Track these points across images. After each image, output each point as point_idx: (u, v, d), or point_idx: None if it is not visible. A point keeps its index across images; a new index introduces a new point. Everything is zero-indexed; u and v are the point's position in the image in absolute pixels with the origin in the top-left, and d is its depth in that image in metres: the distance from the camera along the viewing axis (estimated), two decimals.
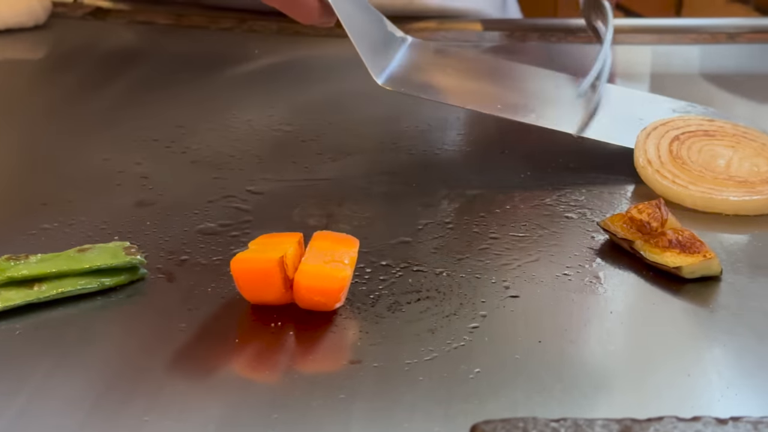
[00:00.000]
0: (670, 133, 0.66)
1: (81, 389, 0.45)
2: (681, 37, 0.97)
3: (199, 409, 0.44)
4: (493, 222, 0.60)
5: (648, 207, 0.57)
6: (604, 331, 0.51)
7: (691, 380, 0.46)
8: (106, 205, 0.62)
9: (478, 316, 0.51)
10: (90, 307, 0.51)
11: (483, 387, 0.46)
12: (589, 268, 0.55)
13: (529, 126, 0.73)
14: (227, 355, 0.48)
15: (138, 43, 0.92)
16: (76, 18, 0.97)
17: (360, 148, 0.70)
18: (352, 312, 0.51)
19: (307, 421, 0.44)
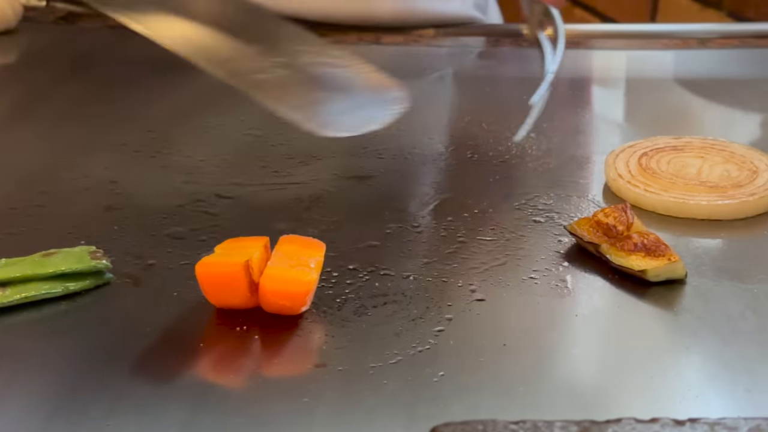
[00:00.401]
0: (638, 152, 0.66)
1: (43, 394, 0.45)
2: (652, 42, 0.98)
3: (162, 414, 0.44)
4: (461, 226, 0.60)
5: (614, 211, 0.57)
6: (568, 334, 0.51)
7: (654, 382, 0.47)
8: (74, 210, 0.61)
9: (444, 320, 0.51)
10: (54, 312, 0.51)
11: (446, 390, 0.46)
12: (556, 272, 0.55)
13: (499, 131, 0.74)
14: (192, 359, 0.48)
15: (109, 48, 0.92)
16: (48, 22, 0.97)
17: (330, 152, 0.70)
18: (318, 316, 0.51)
19: (270, 424, 0.44)
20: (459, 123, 0.76)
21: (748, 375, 0.47)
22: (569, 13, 1.81)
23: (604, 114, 0.83)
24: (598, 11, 1.72)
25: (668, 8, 1.55)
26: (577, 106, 0.83)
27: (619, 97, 0.88)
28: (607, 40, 0.99)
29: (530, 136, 0.73)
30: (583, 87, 0.92)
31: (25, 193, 0.63)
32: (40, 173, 0.66)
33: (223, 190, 0.64)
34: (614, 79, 0.93)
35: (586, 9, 1.75)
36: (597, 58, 0.96)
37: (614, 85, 0.92)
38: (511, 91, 0.84)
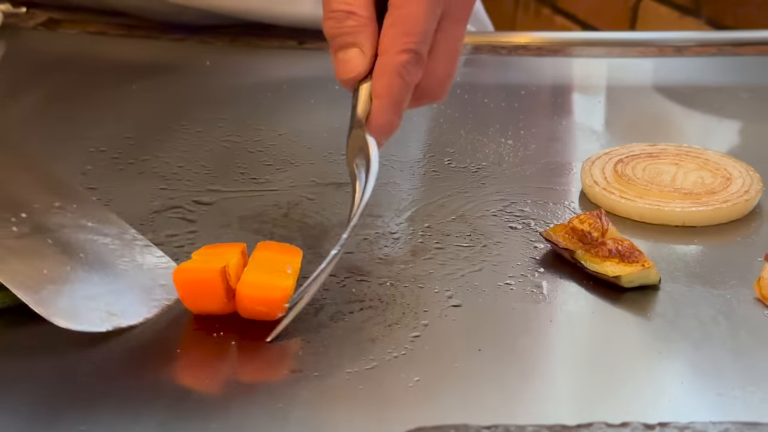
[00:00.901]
0: (614, 159, 0.67)
1: (18, 399, 0.45)
2: (629, 50, 0.98)
3: (137, 419, 0.44)
4: (438, 232, 0.61)
5: (589, 217, 0.58)
6: (543, 340, 0.51)
7: (627, 387, 0.47)
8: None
9: (419, 325, 0.51)
10: (25, 319, 0.51)
11: (421, 395, 0.46)
12: (531, 278, 0.56)
13: (477, 138, 0.74)
14: (168, 365, 0.48)
15: (88, 54, 0.92)
16: (28, 28, 0.97)
17: (308, 158, 0.71)
18: (294, 321, 0.51)
19: (245, 430, 0.44)
20: (437, 130, 0.76)
21: (719, 379, 0.48)
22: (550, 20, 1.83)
23: (582, 121, 0.83)
24: (579, 19, 1.73)
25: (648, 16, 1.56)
26: (556, 114, 0.83)
27: (599, 104, 0.89)
28: (586, 47, 0.99)
29: (507, 143, 0.74)
30: (564, 94, 0.93)
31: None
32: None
33: (201, 196, 0.64)
34: (594, 86, 0.94)
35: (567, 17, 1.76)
36: (577, 65, 0.97)
37: (594, 92, 0.93)
38: (490, 98, 0.84)
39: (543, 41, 0.99)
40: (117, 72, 0.87)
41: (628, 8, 1.60)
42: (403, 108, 0.55)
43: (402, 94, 0.54)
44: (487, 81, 0.91)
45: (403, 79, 0.53)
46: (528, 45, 0.97)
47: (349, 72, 0.55)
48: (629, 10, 1.60)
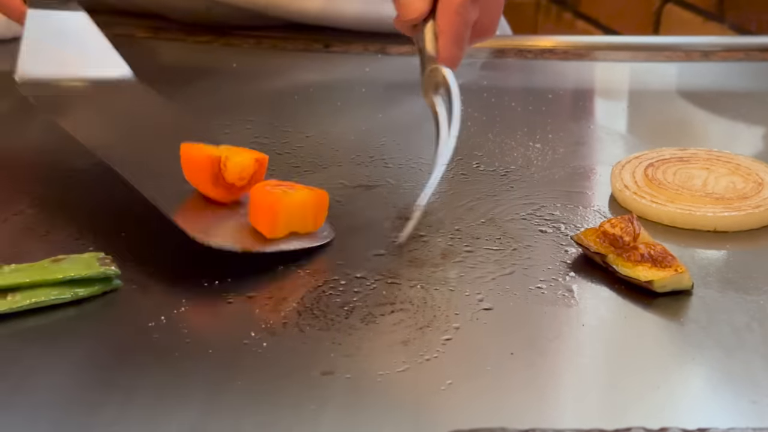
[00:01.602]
0: (644, 163, 0.67)
1: (51, 398, 0.45)
2: (656, 54, 0.98)
3: (170, 418, 0.44)
4: (468, 235, 0.60)
5: (621, 221, 0.57)
6: (575, 344, 0.51)
7: (660, 392, 0.47)
8: (80, 215, 0.62)
9: (451, 329, 0.51)
10: (63, 317, 0.51)
11: (454, 398, 0.46)
12: (563, 282, 0.56)
13: (504, 142, 0.74)
14: (199, 366, 0.48)
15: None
16: None
17: (336, 161, 0.71)
18: (325, 323, 0.51)
19: (276, 431, 0.44)
20: (464, 133, 0.76)
21: (753, 386, 0.47)
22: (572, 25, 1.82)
23: (609, 125, 0.83)
24: (601, 23, 1.72)
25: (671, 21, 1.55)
26: (583, 118, 0.83)
27: (623, 108, 0.89)
28: (610, 52, 0.99)
29: (535, 146, 0.73)
30: (590, 98, 0.92)
31: (29, 199, 0.63)
32: (45, 178, 0.67)
33: None
34: (619, 90, 0.94)
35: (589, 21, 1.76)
36: (602, 69, 0.96)
37: (617, 96, 0.92)
38: (517, 101, 0.84)
39: (569, 45, 0.98)
40: (144, 74, 0.87)
41: (651, 13, 1.59)
42: (465, 44, 0.63)
43: (463, 31, 0.62)
44: (513, 84, 0.91)
45: (463, 17, 0.61)
46: (554, 49, 0.97)
47: (413, 13, 0.62)
48: (652, 14, 1.59)
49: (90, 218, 0.61)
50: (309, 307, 0.52)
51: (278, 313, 0.52)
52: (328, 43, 0.94)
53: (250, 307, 0.52)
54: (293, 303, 0.53)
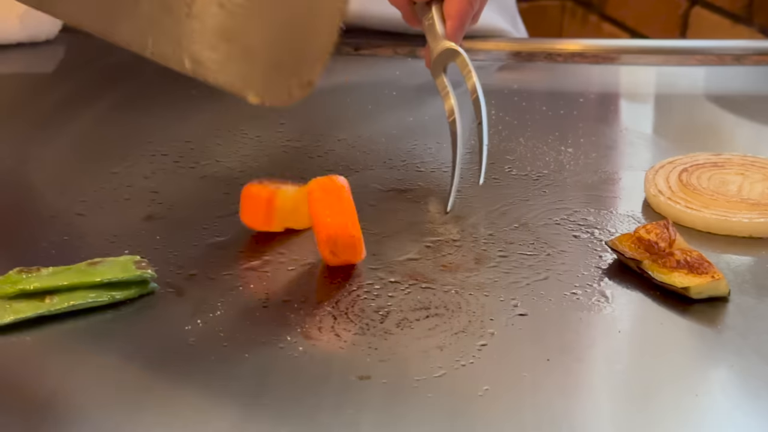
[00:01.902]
0: (678, 168, 0.66)
1: (88, 402, 0.45)
2: (687, 58, 0.98)
3: (207, 423, 0.44)
4: (502, 240, 0.60)
5: (656, 227, 0.57)
6: (611, 350, 0.51)
7: (698, 400, 0.47)
8: (115, 219, 0.62)
9: (486, 334, 0.51)
10: (100, 320, 0.51)
11: (492, 404, 0.46)
12: (597, 288, 0.55)
13: (536, 146, 0.74)
14: (236, 371, 0.48)
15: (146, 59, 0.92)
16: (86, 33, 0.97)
17: (368, 165, 0.71)
18: (360, 328, 0.51)
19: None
20: (496, 137, 0.76)
21: None
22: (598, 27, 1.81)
23: (638, 129, 0.83)
24: (628, 26, 1.72)
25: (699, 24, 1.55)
26: (615, 122, 0.83)
27: (652, 112, 0.88)
28: (641, 56, 0.99)
29: (567, 151, 0.73)
30: (617, 102, 0.92)
31: (65, 202, 0.64)
32: (79, 182, 0.67)
33: None
34: (646, 94, 0.93)
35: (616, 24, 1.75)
36: (632, 73, 0.96)
37: (646, 100, 0.92)
38: (548, 105, 0.84)
39: (599, 48, 0.98)
40: (176, 77, 0.87)
41: (678, 16, 1.58)
42: (467, 27, 0.68)
43: (469, 16, 0.67)
44: (544, 88, 0.91)
45: (471, 3, 0.67)
46: (583, 52, 0.97)
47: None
48: (680, 17, 1.58)
49: (126, 221, 0.62)
50: (344, 312, 0.53)
51: (314, 317, 0.52)
52: (358, 46, 0.95)
53: (286, 312, 0.52)
54: (328, 307, 0.53)
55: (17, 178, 0.68)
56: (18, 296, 0.51)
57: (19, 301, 0.51)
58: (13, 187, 0.66)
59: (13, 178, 0.68)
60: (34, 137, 0.76)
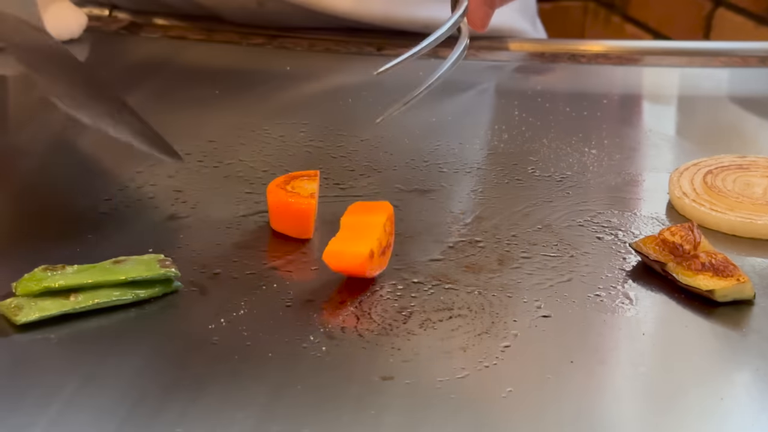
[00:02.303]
0: (703, 170, 0.66)
1: (114, 400, 0.45)
2: (711, 59, 0.97)
3: (231, 420, 0.44)
4: (524, 241, 0.60)
5: (681, 229, 0.57)
6: (635, 353, 0.51)
7: (724, 404, 0.46)
8: (139, 218, 0.62)
9: (509, 335, 0.51)
10: (124, 319, 0.51)
11: (516, 406, 0.46)
12: (621, 290, 0.55)
13: (560, 147, 0.74)
14: (259, 370, 0.48)
15: (170, 58, 0.93)
16: (110, 32, 0.98)
17: (390, 164, 0.71)
18: (383, 328, 0.51)
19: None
20: (519, 138, 0.76)
21: None
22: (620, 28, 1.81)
23: (661, 131, 0.82)
24: (651, 27, 1.71)
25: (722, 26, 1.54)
26: (639, 123, 0.83)
27: (675, 114, 0.88)
28: (665, 57, 0.98)
29: (591, 152, 0.73)
30: (640, 104, 0.92)
31: (89, 201, 0.64)
32: (104, 181, 0.67)
33: None
34: (669, 96, 0.93)
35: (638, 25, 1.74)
36: (656, 75, 0.96)
37: (669, 102, 0.92)
38: (571, 106, 0.84)
39: (622, 50, 0.98)
40: (199, 77, 0.88)
41: (702, 17, 1.58)
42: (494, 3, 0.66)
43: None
44: (567, 89, 0.90)
45: None
46: (607, 53, 0.97)
47: None
48: (703, 19, 1.58)
49: (149, 220, 0.62)
50: (367, 312, 0.52)
51: (337, 317, 0.52)
52: (381, 46, 0.95)
53: (309, 311, 0.52)
54: (351, 307, 0.53)
55: (42, 177, 0.69)
56: (43, 294, 0.51)
57: (44, 299, 0.51)
58: (38, 186, 0.67)
59: (38, 177, 0.69)
60: (58, 136, 0.76)
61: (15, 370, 0.47)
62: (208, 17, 0.98)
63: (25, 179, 0.68)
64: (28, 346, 0.49)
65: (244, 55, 0.94)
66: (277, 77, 0.88)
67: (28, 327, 0.50)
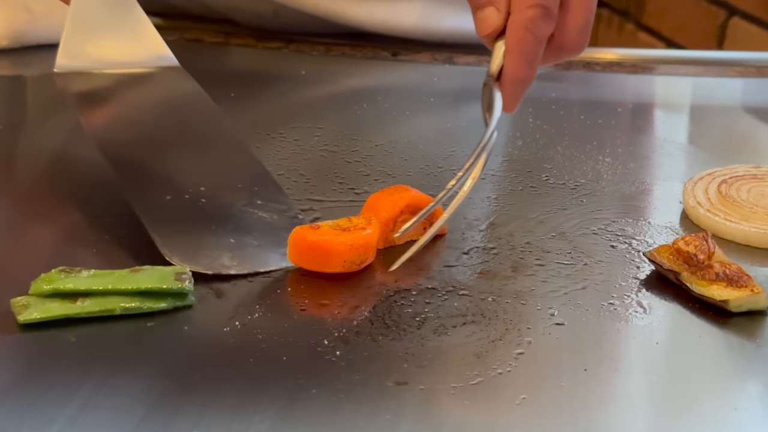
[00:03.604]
0: (717, 179, 0.66)
1: (131, 401, 0.46)
2: (725, 69, 0.97)
3: (247, 424, 0.45)
4: (539, 249, 0.60)
5: (695, 239, 0.57)
6: (649, 361, 0.51)
7: (738, 414, 0.46)
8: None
9: (523, 342, 0.51)
10: (141, 320, 0.52)
11: (529, 414, 0.46)
12: (635, 298, 0.55)
13: (574, 155, 0.74)
14: (275, 373, 0.48)
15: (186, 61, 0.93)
16: None
17: (405, 170, 0.71)
18: (398, 333, 0.51)
19: None
20: (534, 145, 0.76)
21: None
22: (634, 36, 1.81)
23: (675, 140, 0.82)
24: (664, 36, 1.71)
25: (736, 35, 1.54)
26: (650, 132, 0.83)
27: (689, 123, 0.88)
28: (679, 66, 0.99)
29: (605, 160, 0.73)
30: (654, 113, 0.92)
31: (108, 202, 0.64)
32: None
33: (300, 205, 0.64)
34: (682, 105, 0.93)
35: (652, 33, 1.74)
36: (665, 84, 0.96)
37: (682, 111, 0.92)
38: (586, 114, 0.84)
39: (637, 58, 0.98)
40: (215, 79, 0.87)
41: (716, 26, 1.58)
42: (535, 62, 0.58)
43: (532, 48, 0.58)
44: (581, 97, 0.91)
45: (533, 33, 0.57)
46: (622, 62, 0.97)
47: (486, 29, 0.59)
48: (717, 28, 1.58)
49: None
50: (381, 317, 0.53)
51: (351, 321, 0.52)
52: (396, 52, 0.95)
53: (324, 315, 0.53)
54: (365, 312, 0.53)
55: (61, 177, 0.69)
56: (52, 295, 0.51)
57: (52, 301, 0.51)
58: (56, 187, 0.67)
59: (56, 177, 0.69)
60: (79, 137, 0.76)
61: (34, 370, 0.48)
62: (224, 20, 0.99)
63: (43, 177, 0.69)
64: (47, 346, 0.49)
65: (259, 59, 0.94)
66: (293, 81, 0.89)
67: (47, 326, 0.50)
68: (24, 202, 0.67)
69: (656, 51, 1.37)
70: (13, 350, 0.49)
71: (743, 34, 1.53)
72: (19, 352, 0.49)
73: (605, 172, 0.72)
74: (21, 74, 0.89)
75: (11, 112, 0.82)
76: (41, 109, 0.84)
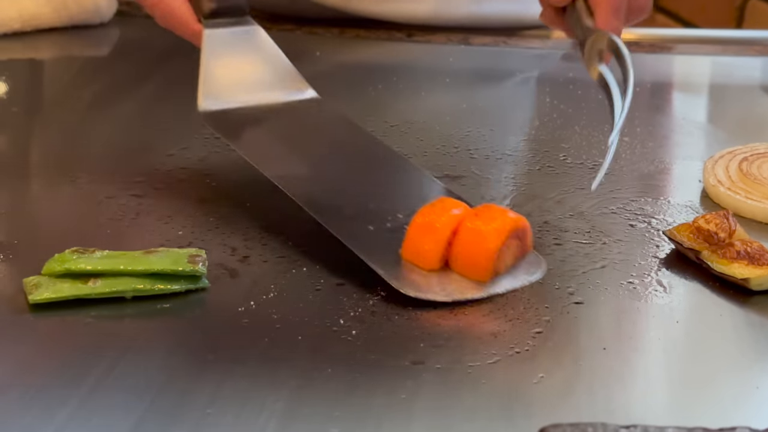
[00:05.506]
0: (738, 157, 0.65)
1: (144, 381, 0.45)
2: (744, 48, 0.96)
3: (261, 404, 0.44)
4: (557, 228, 0.60)
5: (716, 217, 0.56)
6: (669, 340, 0.50)
7: (760, 393, 0.46)
8: (169, 201, 0.62)
9: (541, 321, 0.50)
10: (156, 301, 0.51)
11: (547, 392, 0.45)
12: (655, 277, 0.55)
13: (592, 135, 0.73)
14: (290, 352, 0.48)
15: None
16: (140, 16, 0.98)
17: (421, 150, 0.70)
18: (414, 313, 0.51)
19: (368, 419, 0.44)
20: (551, 125, 0.75)
21: None
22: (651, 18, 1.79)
23: (694, 119, 0.82)
24: (682, 18, 1.69)
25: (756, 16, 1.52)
26: (668, 111, 0.82)
27: (707, 103, 0.87)
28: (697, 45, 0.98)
29: (624, 140, 0.72)
30: (672, 92, 0.91)
31: (121, 183, 0.64)
32: (135, 164, 0.67)
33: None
34: (700, 84, 0.92)
35: (670, 15, 1.73)
36: (682, 63, 0.95)
37: (700, 90, 0.91)
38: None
39: (655, 38, 0.97)
40: None
41: (734, 8, 1.56)
42: (622, 14, 0.62)
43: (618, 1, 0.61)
44: None
45: None
46: (640, 41, 0.96)
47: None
48: (736, 9, 1.56)
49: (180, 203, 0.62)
50: (397, 296, 0.52)
51: (367, 301, 0.52)
52: (411, 33, 0.94)
53: (339, 295, 0.52)
54: (381, 292, 0.52)
55: (74, 159, 0.69)
56: (64, 275, 0.51)
57: (63, 281, 0.50)
58: (69, 168, 0.67)
59: (69, 159, 0.69)
60: (90, 119, 0.76)
61: (46, 351, 0.48)
62: None
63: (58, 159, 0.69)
64: (59, 327, 0.49)
65: (274, 40, 0.93)
66: (308, 62, 0.88)
67: (58, 307, 0.50)
68: (38, 183, 0.66)
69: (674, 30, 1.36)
70: (24, 331, 0.49)
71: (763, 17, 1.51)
72: (30, 332, 0.49)
73: (623, 151, 0.71)
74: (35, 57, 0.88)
75: (27, 96, 0.82)
76: (56, 92, 0.83)
